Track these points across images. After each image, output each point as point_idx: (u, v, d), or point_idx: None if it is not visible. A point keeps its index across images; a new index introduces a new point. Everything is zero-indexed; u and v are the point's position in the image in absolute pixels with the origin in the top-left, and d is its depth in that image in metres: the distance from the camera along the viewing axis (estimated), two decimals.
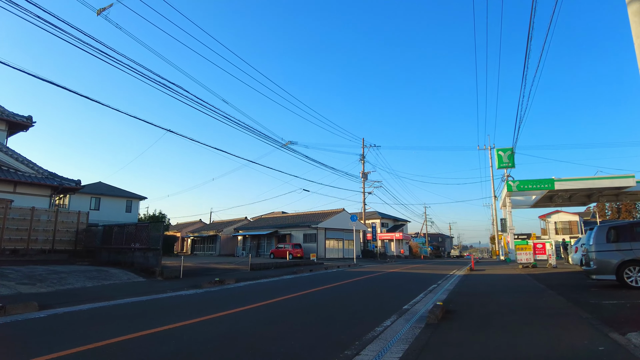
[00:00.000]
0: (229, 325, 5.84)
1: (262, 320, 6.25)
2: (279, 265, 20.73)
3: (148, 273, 14.10)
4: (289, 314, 6.87)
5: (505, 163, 32.57)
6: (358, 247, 41.10)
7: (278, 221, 43.18)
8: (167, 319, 6.25)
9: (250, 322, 6.09)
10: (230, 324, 5.98)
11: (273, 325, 5.86)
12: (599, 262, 9.09)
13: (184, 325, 5.77)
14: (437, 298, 8.87)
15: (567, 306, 7.05)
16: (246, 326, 5.74)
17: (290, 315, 6.74)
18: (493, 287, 11.24)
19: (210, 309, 7.42)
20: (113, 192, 40.86)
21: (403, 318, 6.48)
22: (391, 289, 11.24)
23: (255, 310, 7.20)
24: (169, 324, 5.82)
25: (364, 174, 41.24)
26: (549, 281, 11.97)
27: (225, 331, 5.41)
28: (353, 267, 22.90)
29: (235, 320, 6.27)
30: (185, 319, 6.26)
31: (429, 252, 62.84)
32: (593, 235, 9.35)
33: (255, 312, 7.00)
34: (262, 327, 5.71)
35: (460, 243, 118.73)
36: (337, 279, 14.35)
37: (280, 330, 5.50)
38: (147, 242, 14.75)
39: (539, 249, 19.23)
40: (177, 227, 64.04)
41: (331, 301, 8.62)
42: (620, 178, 26.90)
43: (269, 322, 6.06)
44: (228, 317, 6.50)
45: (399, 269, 20.89)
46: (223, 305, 7.84)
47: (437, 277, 15.09)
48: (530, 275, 14.37)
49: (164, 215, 42.86)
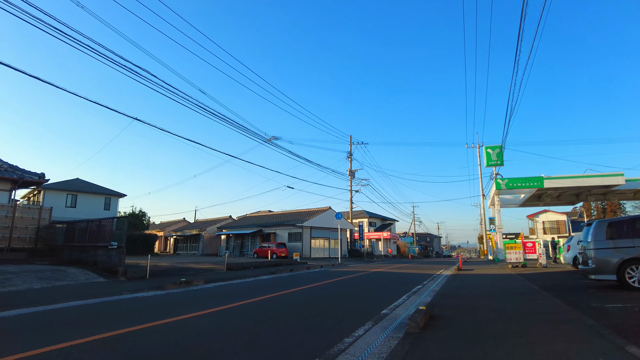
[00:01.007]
0: (168, 335, 4.82)
1: (208, 329, 5.23)
2: (259, 265, 19.68)
3: (110, 273, 12.95)
4: (245, 321, 5.86)
5: (494, 161, 31.97)
6: (344, 247, 40.21)
7: (263, 220, 42.05)
8: (102, 326, 5.20)
9: (195, 331, 5.06)
10: (170, 332, 4.96)
11: (218, 336, 4.84)
12: (598, 260, 8.28)
13: (117, 334, 4.73)
14: (420, 301, 7.96)
15: (567, 311, 6.19)
16: (186, 337, 4.71)
17: (246, 323, 5.73)
18: (482, 288, 10.38)
19: (160, 314, 6.37)
20: (91, 189, 39.26)
21: (380, 325, 5.54)
22: (372, 290, 10.30)
23: (208, 317, 6.17)
24: (100, 332, 4.79)
25: (351, 172, 40.36)
26: (542, 281, 11.17)
27: (157, 343, 4.38)
28: (337, 267, 21.96)
29: (179, 328, 5.24)
30: (123, 326, 5.22)
31: (416, 252, 62.32)
32: (591, 232, 8.53)
33: (208, 319, 5.97)
34: (205, 338, 4.68)
35: (448, 243, 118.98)
36: (317, 280, 13.38)
37: (224, 344, 4.48)
38: (110, 239, 13.57)
39: (529, 248, 18.55)
40: (161, 226, 62.38)
41: (302, 305, 7.63)
42: (610, 176, 26.46)
43: (216, 333, 5.04)
44: (173, 325, 5.46)
45: (384, 269, 20.02)
46: (177, 310, 6.80)
47: (423, 278, 14.23)
48: (521, 275, 13.60)
49: (144, 213, 41.46)
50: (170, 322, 5.65)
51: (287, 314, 6.52)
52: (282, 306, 7.43)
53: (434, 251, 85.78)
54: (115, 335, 4.80)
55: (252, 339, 4.71)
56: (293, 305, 7.53)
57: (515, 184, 28.03)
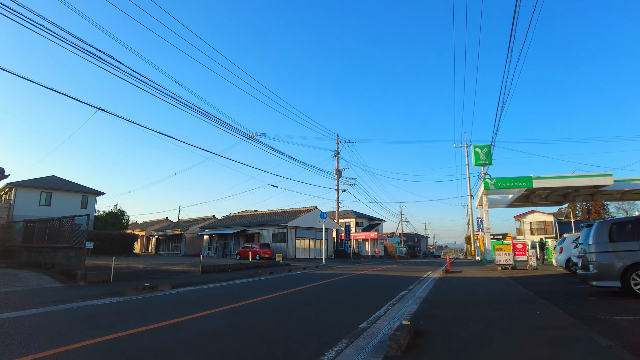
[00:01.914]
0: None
1: (146, 351, 4.23)
2: (238, 267, 18.63)
3: (69, 277, 11.78)
4: (199, 340, 4.87)
5: (482, 160, 31.48)
6: (330, 247, 39.34)
7: (246, 220, 40.89)
8: (19, 346, 4.14)
9: (130, 353, 4.06)
10: (97, 355, 3.95)
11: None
12: (600, 265, 7.50)
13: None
14: (405, 311, 7.07)
15: (572, 325, 5.36)
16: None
17: (200, 342, 4.74)
18: (473, 294, 9.56)
19: (95, 329, 5.33)
20: (67, 187, 37.56)
21: (355, 345, 4.62)
22: (353, 297, 9.38)
23: (154, 333, 5.16)
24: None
25: (338, 171, 39.49)
26: (536, 286, 10.41)
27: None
28: (321, 269, 21.03)
29: (112, 348, 4.23)
30: (41, 348, 4.18)
31: (404, 252, 61.84)
32: (592, 233, 7.76)
33: (152, 336, 4.96)
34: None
35: (435, 243, 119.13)
36: (296, 284, 12.43)
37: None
38: (71, 239, 12.40)
39: (519, 249, 17.91)
40: (143, 226, 60.60)
41: (269, 317, 6.67)
42: (599, 176, 26.16)
43: (154, 356, 4.05)
44: (106, 344, 4.45)
45: (369, 271, 19.16)
46: (123, 322, 5.78)
47: (410, 281, 13.39)
48: (512, 279, 12.86)
49: (123, 212, 39.82)
50: (95, 344, 4.62)
51: (251, 330, 5.55)
52: (251, 317, 6.45)
53: (421, 251, 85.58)
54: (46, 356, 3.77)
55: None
56: (264, 316, 6.56)
57: (504, 184, 27.53)
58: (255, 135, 27.76)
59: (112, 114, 12.71)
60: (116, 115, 12.88)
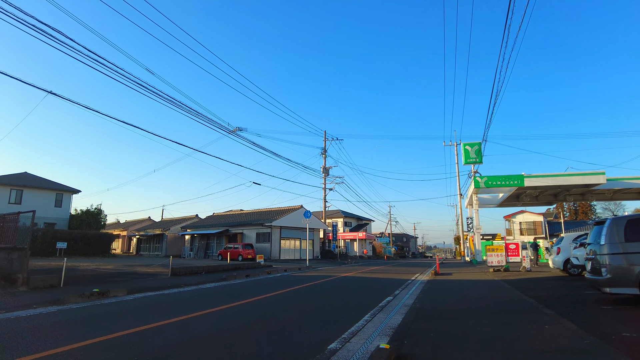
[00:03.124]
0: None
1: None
2: (213, 269, 17.29)
3: (9, 282, 10.34)
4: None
5: (472, 158, 30.62)
6: (317, 248, 38.13)
7: (230, 219, 39.43)
8: None
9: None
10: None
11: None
12: (614, 269, 6.42)
13: None
14: (387, 323, 5.89)
15: (593, 345, 4.22)
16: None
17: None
18: (466, 301, 8.41)
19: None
20: (40, 184, 35.67)
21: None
22: (330, 306, 8.16)
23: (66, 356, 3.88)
24: None
25: (325, 169, 38.28)
26: (535, 291, 9.34)
27: None
28: (303, 271, 19.80)
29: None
30: None
31: (393, 252, 60.95)
32: (605, 232, 6.68)
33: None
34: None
35: (424, 243, 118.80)
36: (271, 289, 11.18)
37: None
38: (14, 239, 10.96)
39: (512, 250, 16.92)
40: (125, 225, 58.62)
41: (215, 336, 5.42)
42: (591, 175, 25.43)
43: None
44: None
45: (354, 273, 17.99)
46: (35, 342, 4.47)
47: (396, 285, 12.25)
48: (507, 282, 11.81)
49: (100, 210, 37.97)
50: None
51: (189, 352, 4.29)
52: (183, 338, 5.19)
53: (410, 252, 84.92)
54: None
55: None
56: (203, 335, 5.30)
57: (494, 182, 26.66)
58: (237, 130, 26.41)
59: (62, 97, 11.31)
60: (66, 99, 11.47)
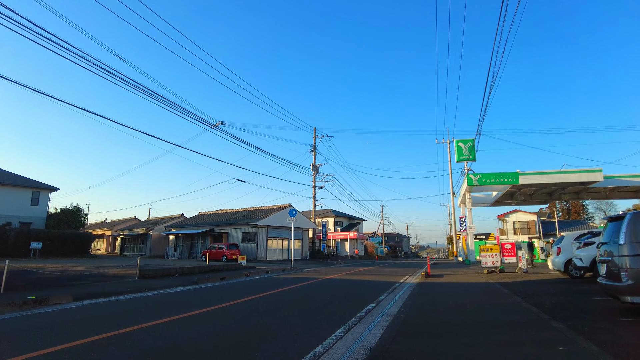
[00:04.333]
0: None
1: None
2: (188, 270, 16.04)
3: None
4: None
5: (465, 155, 29.67)
6: (306, 248, 36.94)
7: (215, 218, 38.09)
8: None
9: None
10: None
11: None
12: (637, 274, 5.33)
13: None
14: (363, 341, 4.72)
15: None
16: None
17: None
18: (460, 311, 7.27)
19: None
20: (13, 181, 33.95)
21: None
22: (298, 316, 6.95)
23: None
24: None
25: (315, 167, 37.07)
26: (537, 297, 8.26)
27: None
28: (287, 272, 18.62)
29: None
30: None
31: (385, 252, 60.00)
32: (624, 230, 5.60)
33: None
34: None
35: (417, 243, 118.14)
36: (244, 294, 9.98)
37: None
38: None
39: (508, 250, 15.90)
40: (109, 225, 56.94)
41: (145, 356, 4.22)
42: (588, 172, 24.58)
43: None
44: None
45: (340, 274, 16.84)
46: None
47: (383, 288, 11.13)
48: (504, 286, 10.73)
49: (79, 209, 36.42)
50: None
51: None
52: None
53: (403, 251, 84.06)
54: None
55: None
56: (141, 355, 4.10)
57: (488, 180, 25.70)
58: (220, 124, 25.14)
59: (14, 81, 9.99)
60: (21, 84, 10.16)
